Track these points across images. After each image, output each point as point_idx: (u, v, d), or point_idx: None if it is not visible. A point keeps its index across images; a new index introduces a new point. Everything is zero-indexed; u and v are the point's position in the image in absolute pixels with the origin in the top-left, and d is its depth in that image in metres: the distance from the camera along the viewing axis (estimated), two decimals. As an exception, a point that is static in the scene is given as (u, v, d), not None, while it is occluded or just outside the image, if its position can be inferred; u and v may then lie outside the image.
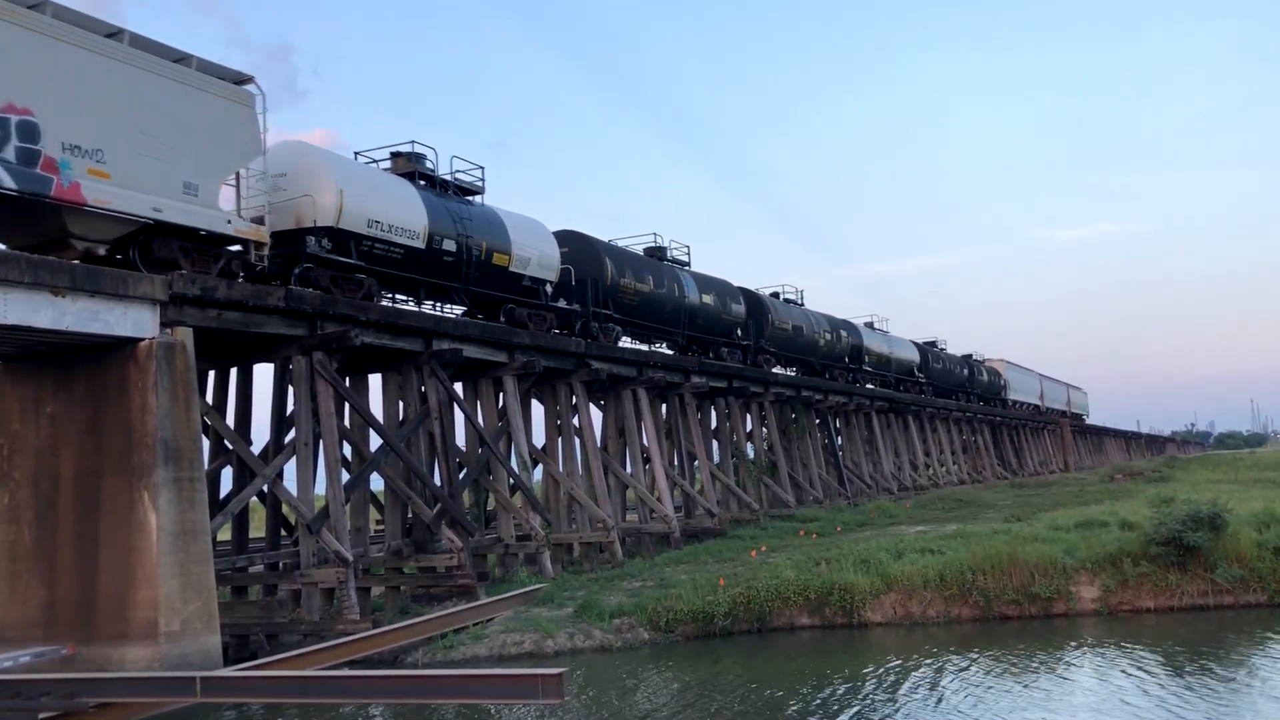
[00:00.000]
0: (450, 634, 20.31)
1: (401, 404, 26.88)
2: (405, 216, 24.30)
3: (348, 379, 25.42)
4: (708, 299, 38.96)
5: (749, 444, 43.57)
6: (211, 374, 24.62)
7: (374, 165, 26.25)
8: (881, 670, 17.60)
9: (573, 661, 19.01)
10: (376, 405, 26.93)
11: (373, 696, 14.44)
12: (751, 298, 43.61)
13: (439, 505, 24.60)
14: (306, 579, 21.62)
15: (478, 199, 28.62)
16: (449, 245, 25.63)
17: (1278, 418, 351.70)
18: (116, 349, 17.87)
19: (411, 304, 26.35)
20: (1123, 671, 16.62)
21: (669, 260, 39.14)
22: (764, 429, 44.35)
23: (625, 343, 34.71)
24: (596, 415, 34.40)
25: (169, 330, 18.14)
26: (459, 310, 27.81)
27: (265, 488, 23.09)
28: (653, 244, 38.80)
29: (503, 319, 28.30)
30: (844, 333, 51.89)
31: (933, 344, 70.89)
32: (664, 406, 37.74)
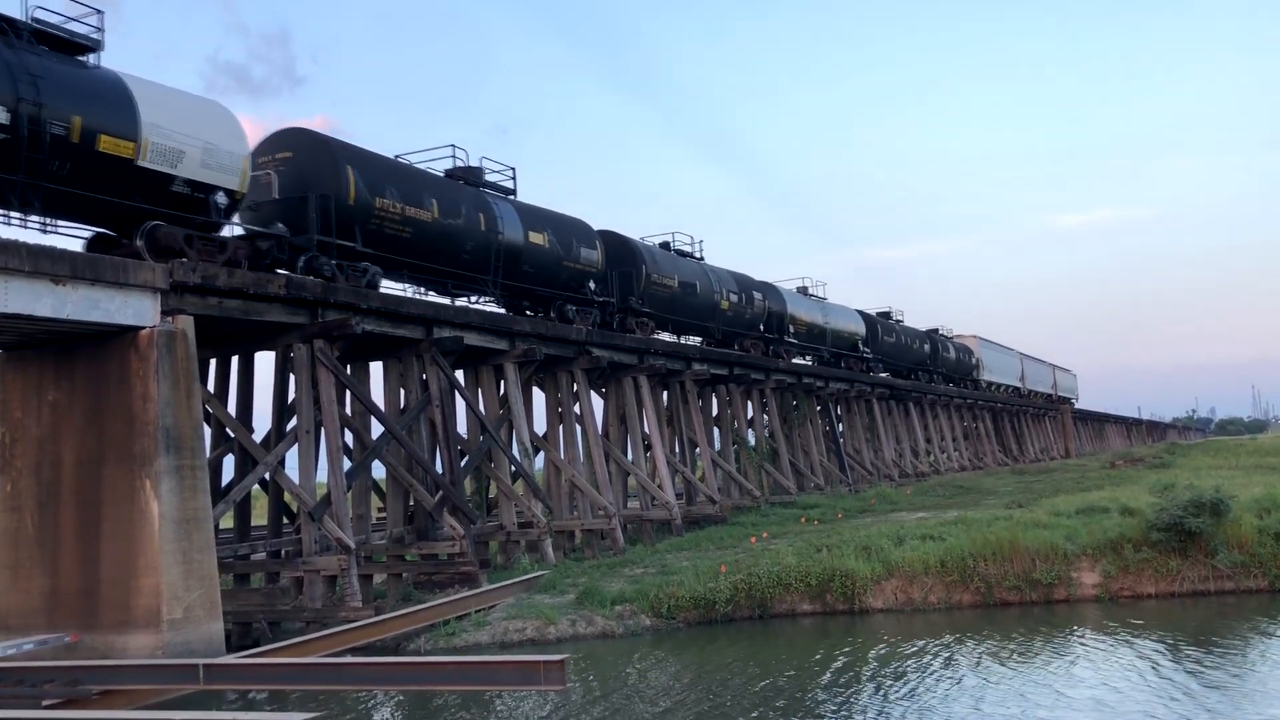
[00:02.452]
0: (452, 621, 20.36)
1: (403, 391, 26.88)
2: None
3: (349, 366, 25.42)
4: (538, 238, 29.07)
5: (750, 431, 43.57)
6: (213, 362, 24.61)
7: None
8: (882, 656, 17.63)
9: (574, 648, 19.06)
10: (378, 393, 26.94)
11: (375, 683, 14.50)
12: (616, 243, 34.47)
13: (441, 493, 24.62)
14: (309, 566, 21.66)
15: (91, 59, 19.10)
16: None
17: (1279, 404, 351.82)
18: (117, 337, 17.87)
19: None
20: (1123, 657, 16.65)
21: (485, 186, 29.01)
22: (765, 416, 44.34)
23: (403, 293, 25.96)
24: (598, 402, 34.44)
25: (170, 318, 18.13)
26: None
27: (267, 475, 23.09)
28: (459, 164, 28.65)
29: (141, 242, 18.78)
30: (759, 295, 43.48)
31: (886, 315, 63.03)
32: (665, 393, 37.74)
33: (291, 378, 23.54)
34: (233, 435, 23.33)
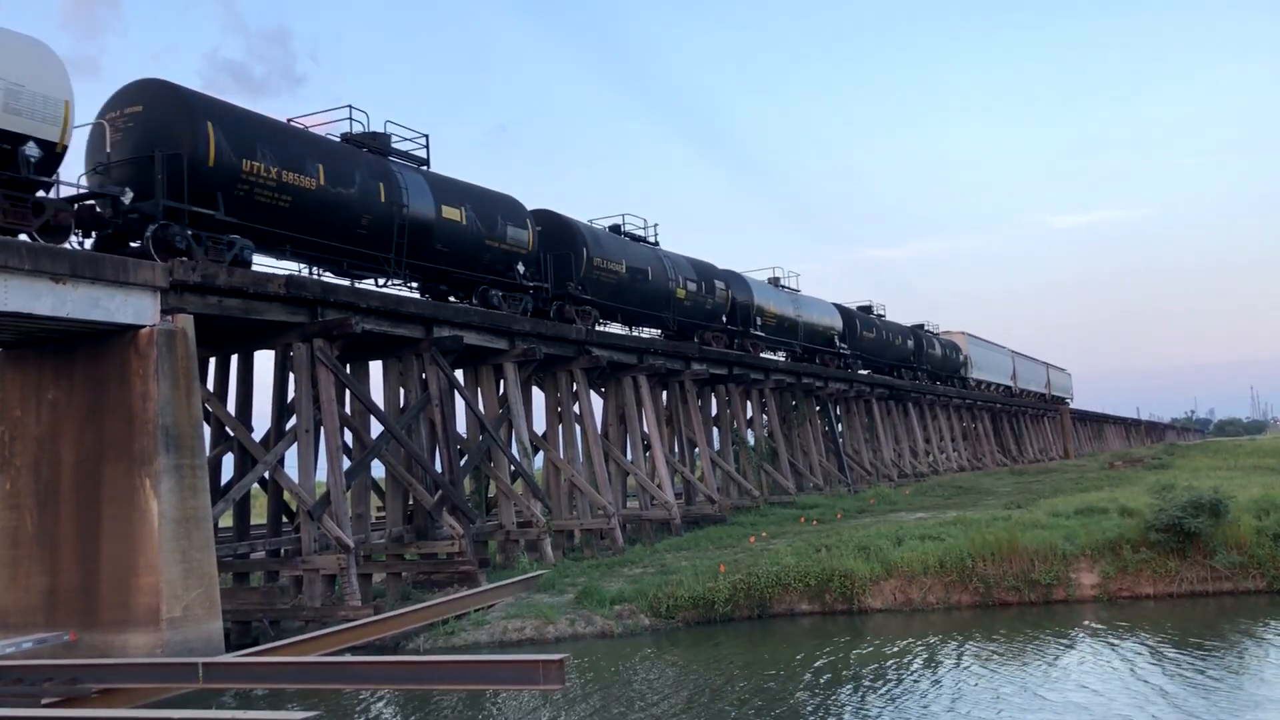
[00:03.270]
0: (452, 620, 20.37)
1: (402, 391, 26.90)
2: None
3: (348, 366, 25.43)
4: (453, 213, 25.91)
5: (749, 430, 43.58)
6: (212, 361, 24.63)
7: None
8: (880, 655, 17.65)
9: (574, 647, 19.06)
10: (377, 392, 26.95)
11: (374, 682, 14.50)
12: (552, 223, 31.33)
13: (440, 492, 24.63)
14: (308, 565, 21.67)
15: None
16: None
17: (1277, 405, 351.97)
18: (117, 336, 17.87)
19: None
20: (1121, 657, 16.66)
21: (391, 154, 25.60)
22: (764, 416, 44.36)
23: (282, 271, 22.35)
24: (597, 402, 34.45)
25: (170, 317, 18.14)
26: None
27: (266, 474, 23.10)
28: (359, 129, 25.28)
29: None
30: (720, 284, 39.94)
31: (867, 309, 59.70)
32: (664, 393, 37.75)
33: (291, 377, 23.55)
34: (232, 434, 23.34)
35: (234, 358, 24.82)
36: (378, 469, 27.60)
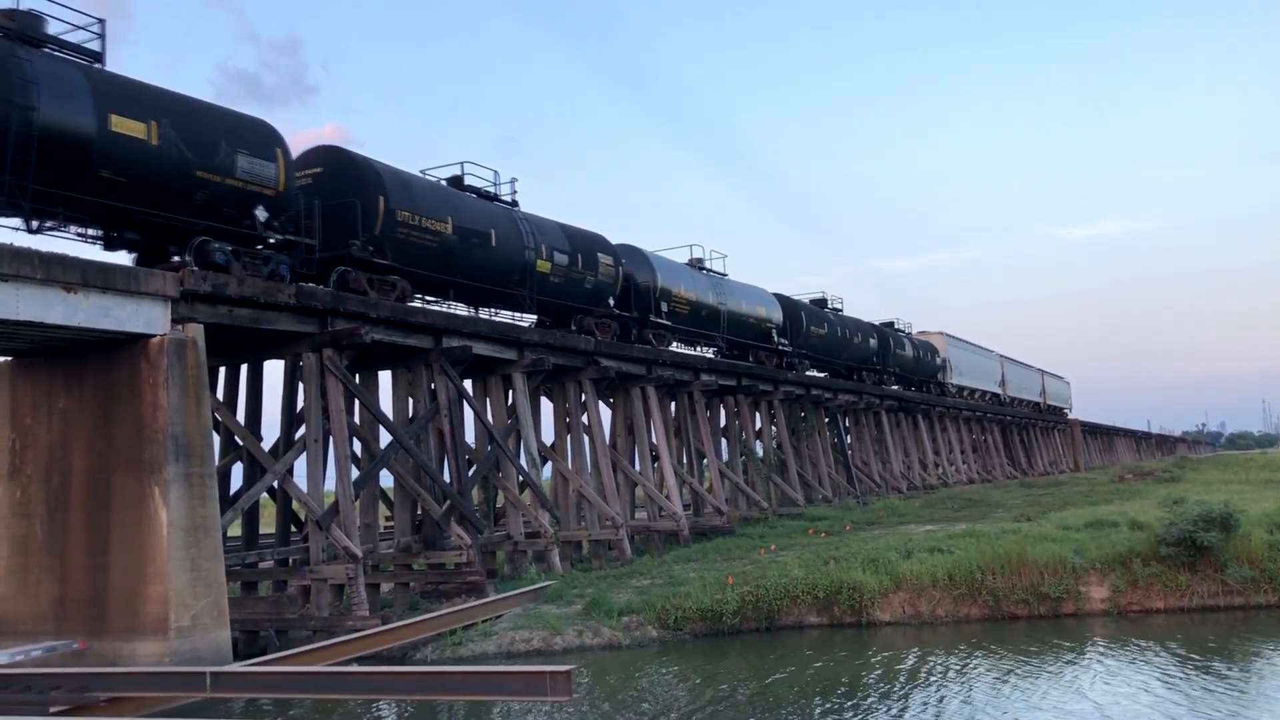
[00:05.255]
0: (459, 630, 20.35)
1: (411, 401, 26.93)
2: None
3: (357, 375, 25.48)
4: (129, 127, 18.22)
5: (758, 442, 43.52)
6: (222, 370, 24.70)
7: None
8: (888, 668, 17.58)
9: (581, 659, 19.03)
10: (386, 402, 26.99)
11: (381, 692, 14.49)
12: (338, 162, 23.99)
13: (448, 502, 24.64)
14: (316, 575, 21.69)
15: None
16: None
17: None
18: (128, 345, 17.95)
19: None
20: (1131, 672, 16.57)
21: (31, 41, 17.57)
22: (773, 427, 44.31)
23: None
24: (605, 413, 34.42)
25: (180, 326, 18.21)
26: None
27: (275, 484, 23.16)
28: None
29: None
30: (606, 259, 32.28)
31: (821, 302, 52.39)
32: (673, 404, 37.75)
33: (300, 386, 23.61)
34: (241, 443, 23.39)
35: (244, 367, 24.89)
36: (386, 479, 27.61)
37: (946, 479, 61.62)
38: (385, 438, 25.16)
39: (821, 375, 49.31)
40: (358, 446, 25.54)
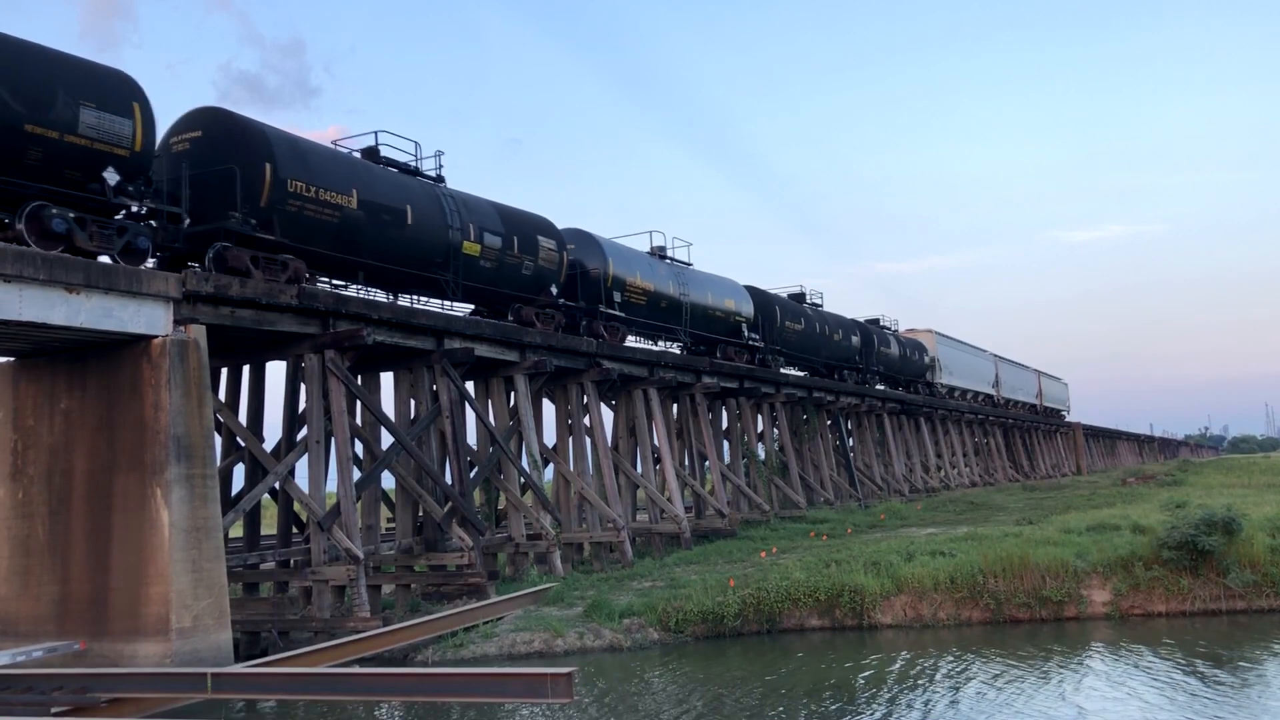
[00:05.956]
0: (460, 632, 20.35)
1: (413, 402, 26.94)
2: None
3: (359, 377, 25.50)
4: None
5: (760, 444, 43.51)
6: (224, 371, 24.72)
7: None
8: (888, 671, 17.56)
9: (582, 661, 19.02)
10: (388, 403, 27.01)
11: (382, 694, 14.49)
12: (218, 122, 21.16)
13: (450, 504, 24.64)
14: (317, 576, 21.69)
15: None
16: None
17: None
18: (130, 346, 17.96)
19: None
20: (1133, 676, 16.54)
21: None
22: (775, 430, 44.31)
23: None
24: (607, 415, 34.41)
25: (182, 327, 18.22)
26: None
27: (277, 485, 23.17)
28: None
29: None
30: (549, 243, 29.25)
31: (799, 296, 49.69)
32: (675, 406, 37.75)
33: (302, 387, 23.63)
34: (243, 444, 23.41)
35: (246, 368, 24.92)
36: (388, 480, 27.63)
37: (948, 482, 61.60)
38: (387, 439, 25.18)
39: (801, 374, 47.18)
40: (359, 448, 25.55)
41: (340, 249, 22.78)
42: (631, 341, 34.49)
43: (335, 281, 24.06)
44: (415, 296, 26.64)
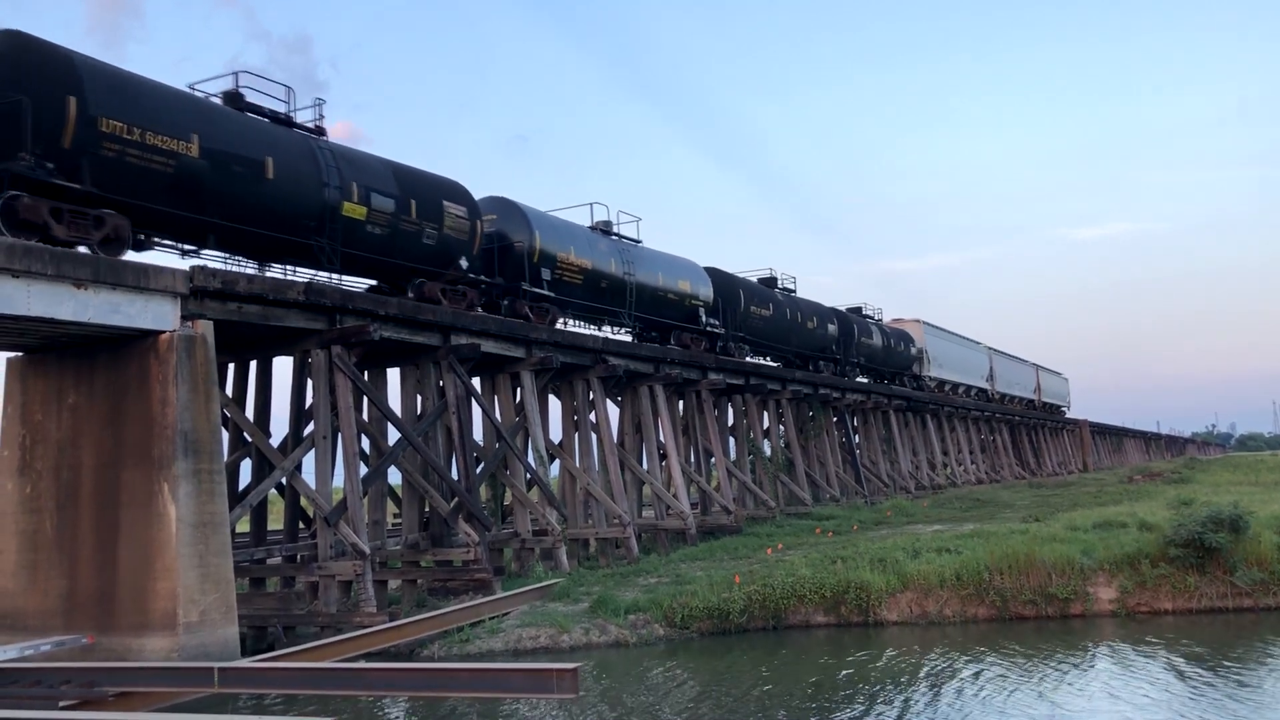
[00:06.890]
0: (466, 628, 20.40)
1: (419, 398, 26.98)
2: None
3: (366, 373, 25.54)
4: None
5: (766, 441, 43.52)
6: (231, 367, 24.78)
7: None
8: (896, 669, 17.56)
9: (587, 657, 19.05)
10: (395, 399, 27.05)
11: (388, 689, 14.52)
12: (17, 48, 17.14)
13: (456, 499, 24.68)
14: (324, 571, 21.74)
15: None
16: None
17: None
18: (137, 341, 18.01)
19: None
20: (1139, 673, 16.53)
21: None
22: (781, 426, 44.29)
23: None
24: (613, 411, 34.43)
25: (190, 323, 18.26)
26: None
27: (284, 480, 23.20)
28: None
29: None
30: (457, 210, 25.67)
31: (770, 282, 45.53)
32: (680, 403, 37.76)
33: (309, 383, 23.67)
34: (250, 440, 23.47)
35: (253, 363, 24.97)
36: (394, 476, 27.68)
37: (955, 479, 61.54)
38: (393, 435, 25.22)
39: (774, 365, 44.13)
40: (366, 443, 25.60)
41: (179, 205, 19.16)
42: (571, 326, 31.29)
43: (185, 246, 20.65)
44: (287, 267, 22.86)
